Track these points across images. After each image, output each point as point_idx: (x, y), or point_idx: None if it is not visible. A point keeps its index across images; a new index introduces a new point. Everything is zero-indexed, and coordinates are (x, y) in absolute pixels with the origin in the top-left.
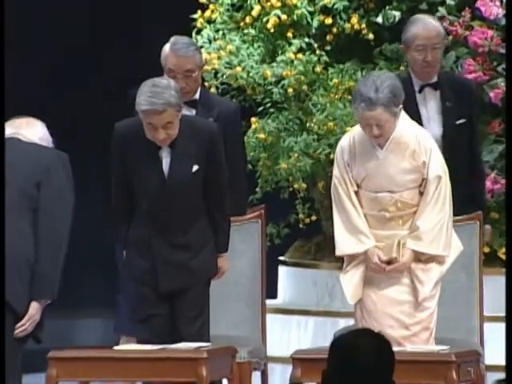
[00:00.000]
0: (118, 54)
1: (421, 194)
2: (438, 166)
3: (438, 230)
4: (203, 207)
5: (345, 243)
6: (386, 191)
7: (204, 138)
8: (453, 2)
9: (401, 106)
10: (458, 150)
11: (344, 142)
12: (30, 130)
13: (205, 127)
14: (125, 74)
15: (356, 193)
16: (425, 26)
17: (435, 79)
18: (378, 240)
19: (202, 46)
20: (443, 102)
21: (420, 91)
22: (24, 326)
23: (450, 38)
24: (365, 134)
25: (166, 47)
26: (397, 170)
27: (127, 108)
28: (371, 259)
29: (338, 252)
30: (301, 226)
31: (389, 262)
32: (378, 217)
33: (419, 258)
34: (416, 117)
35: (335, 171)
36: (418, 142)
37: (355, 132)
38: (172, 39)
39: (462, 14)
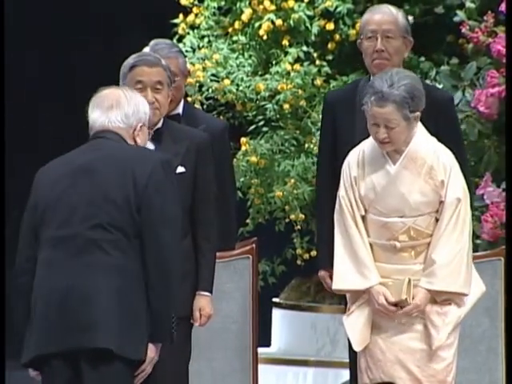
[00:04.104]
0: (91, 61)
1: (437, 221)
2: (458, 187)
3: (457, 263)
4: (189, 226)
5: (345, 276)
6: (398, 216)
7: (194, 141)
8: (473, 5)
9: (418, 113)
10: None
11: (352, 155)
12: (120, 113)
13: (195, 133)
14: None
15: (363, 218)
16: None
17: None
18: (385, 276)
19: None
20: None
21: None
22: (146, 371)
23: (470, 46)
24: (371, 136)
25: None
26: (411, 190)
27: None
28: (376, 300)
29: (336, 286)
30: (298, 262)
31: (396, 305)
32: (386, 247)
33: (435, 299)
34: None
35: (341, 190)
36: (437, 158)
37: (366, 145)
38: (152, 42)
39: (484, 18)
